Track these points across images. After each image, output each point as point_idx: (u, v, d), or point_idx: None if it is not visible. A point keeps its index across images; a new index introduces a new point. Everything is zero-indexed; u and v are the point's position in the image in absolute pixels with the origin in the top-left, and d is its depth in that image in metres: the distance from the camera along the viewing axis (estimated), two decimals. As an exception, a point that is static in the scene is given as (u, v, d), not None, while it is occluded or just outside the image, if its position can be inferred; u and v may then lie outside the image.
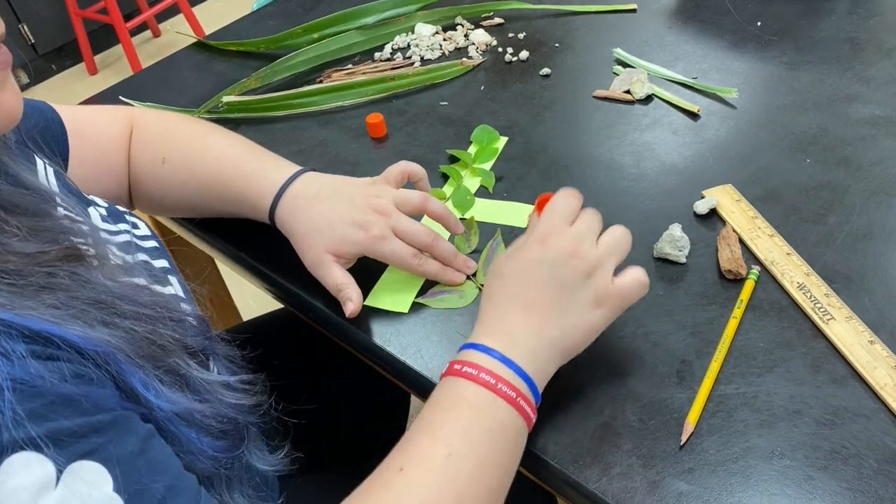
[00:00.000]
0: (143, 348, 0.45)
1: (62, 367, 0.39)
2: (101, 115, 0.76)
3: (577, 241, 0.56)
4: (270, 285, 0.74)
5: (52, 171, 0.59)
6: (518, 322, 0.54)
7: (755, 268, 0.66)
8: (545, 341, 0.54)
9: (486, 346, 0.53)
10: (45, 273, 0.43)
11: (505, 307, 0.55)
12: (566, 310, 0.54)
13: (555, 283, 0.55)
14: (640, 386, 0.59)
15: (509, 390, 0.50)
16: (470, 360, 0.52)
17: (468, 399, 0.50)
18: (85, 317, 0.43)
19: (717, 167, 0.77)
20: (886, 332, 0.59)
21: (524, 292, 0.55)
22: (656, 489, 0.52)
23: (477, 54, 1.00)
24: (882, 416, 0.55)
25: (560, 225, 0.57)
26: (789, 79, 0.88)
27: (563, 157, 0.81)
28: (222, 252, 0.78)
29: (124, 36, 2.81)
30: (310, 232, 0.66)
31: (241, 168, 0.71)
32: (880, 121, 0.80)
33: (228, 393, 0.52)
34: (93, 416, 0.39)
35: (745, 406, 0.56)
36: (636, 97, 0.88)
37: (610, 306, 0.56)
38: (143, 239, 0.61)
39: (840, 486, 0.51)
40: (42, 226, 0.47)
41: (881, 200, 0.71)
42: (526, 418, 0.52)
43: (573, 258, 0.55)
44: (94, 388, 0.40)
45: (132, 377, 0.43)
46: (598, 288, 0.55)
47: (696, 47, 0.95)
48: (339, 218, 0.65)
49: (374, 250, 0.65)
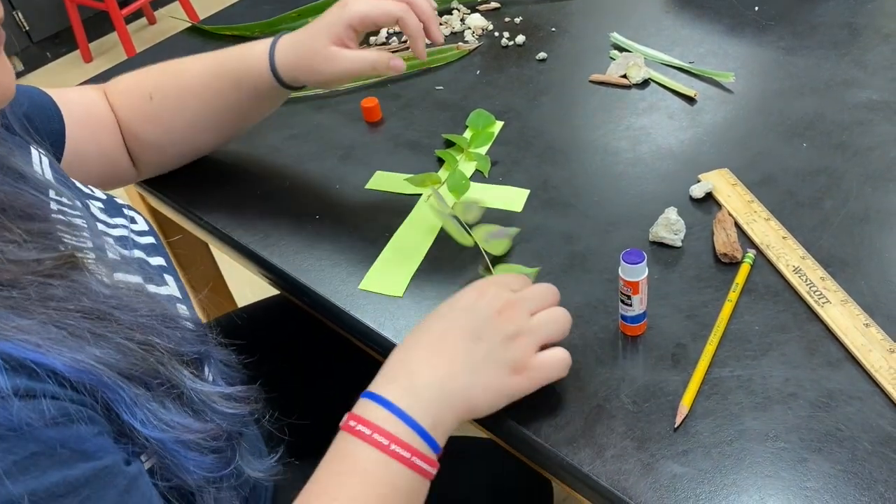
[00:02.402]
0: (137, 363, 0.44)
1: (44, 407, 0.38)
2: (82, 91, 0.77)
3: (511, 304, 0.55)
4: (265, 270, 0.74)
5: (46, 162, 0.59)
6: (423, 365, 0.52)
7: (751, 251, 0.65)
8: (447, 392, 0.52)
9: (383, 397, 0.51)
10: (39, 283, 0.42)
11: (416, 346, 0.54)
12: (478, 366, 0.53)
13: (474, 335, 0.53)
14: (635, 369, 0.58)
15: (403, 451, 0.49)
16: (365, 415, 0.50)
17: (361, 464, 0.49)
18: (77, 332, 0.42)
19: (713, 151, 0.77)
20: (881, 315, 0.59)
21: (442, 335, 0.54)
22: (650, 471, 0.52)
23: (473, 38, 0.99)
24: (876, 398, 0.55)
25: (505, 284, 0.56)
26: (786, 63, 0.87)
27: (559, 142, 0.81)
28: (217, 237, 0.78)
29: (119, 23, 2.79)
30: (307, 53, 0.69)
31: (225, 60, 0.74)
32: (877, 105, 0.80)
33: (224, 402, 0.51)
34: (72, 467, 0.38)
35: (740, 389, 0.56)
36: (633, 81, 0.87)
37: (528, 377, 0.54)
38: (140, 235, 0.60)
39: (834, 468, 0.51)
40: (39, 229, 0.46)
41: (877, 185, 0.71)
42: (422, 473, 0.50)
43: (501, 317, 0.54)
44: (77, 428, 0.39)
45: (119, 405, 0.42)
46: (516, 354, 0.53)
47: (692, 32, 0.95)
48: (320, 22, 0.68)
49: (357, 11, 0.66)
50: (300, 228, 0.75)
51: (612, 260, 0.67)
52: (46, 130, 0.68)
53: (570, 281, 0.66)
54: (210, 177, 0.82)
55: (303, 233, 0.74)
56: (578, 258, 0.68)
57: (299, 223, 0.75)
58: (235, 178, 0.81)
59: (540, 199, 0.74)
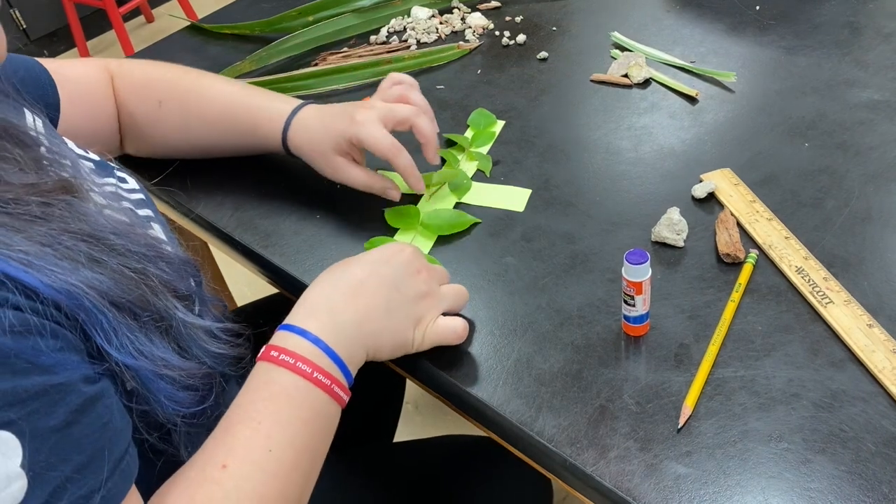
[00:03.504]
0: (130, 289, 0.45)
1: (6, 316, 0.38)
2: (76, 63, 0.78)
3: (426, 268, 0.60)
4: (266, 270, 0.73)
5: (39, 123, 0.60)
6: (344, 305, 0.55)
7: (753, 251, 0.65)
8: (363, 331, 0.55)
9: (304, 329, 0.53)
10: (41, 202, 0.44)
11: (337, 287, 0.56)
12: (392, 313, 0.57)
13: (393, 284, 0.57)
14: (638, 369, 0.58)
15: (325, 378, 0.52)
16: (286, 346, 0.52)
17: (286, 390, 0.51)
18: (73, 255, 0.43)
19: (715, 151, 0.77)
20: (885, 315, 0.59)
21: (363, 280, 0.57)
22: (654, 472, 0.52)
23: (474, 38, 0.99)
24: (880, 399, 0.54)
25: (417, 254, 0.60)
26: (788, 63, 0.87)
27: (560, 141, 0.81)
28: (218, 237, 0.77)
29: (117, 21, 2.78)
30: (313, 140, 0.72)
31: (248, 102, 0.76)
32: (879, 105, 0.80)
33: (211, 340, 0.52)
34: (25, 378, 0.39)
35: (744, 389, 0.56)
36: (634, 81, 0.87)
37: (425, 335, 0.58)
38: (130, 192, 0.61)
39: (838, 469, 0.51)
40: (38, 156, 0.48)
41: (879, 185, 0.71)
42: (339, 402, 0.53)
43: (417, 275, 0.59)
44: (35, 340, 0.40)
45: (95, 328, 0.43)
46: (423, 311, 0.58)
47: (694, 31, 0.95)
48: (333, 121, 0.71)
49: (356, 133, 0.69)
50: (301, 229, 0.74)
51: (615, 260, 0.67)
52: (41, 104, 0.68)
53: (573, 281, 0.66)
54: (210, 176, 0.81)
55: (304, 233, 0.74)
56: (580, 258, 0.68)
57: (300, 223, 0.75)
58: (236, 178, 0.81)
59: (541, 199, 0.74)
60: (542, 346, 0.61)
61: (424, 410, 1.52)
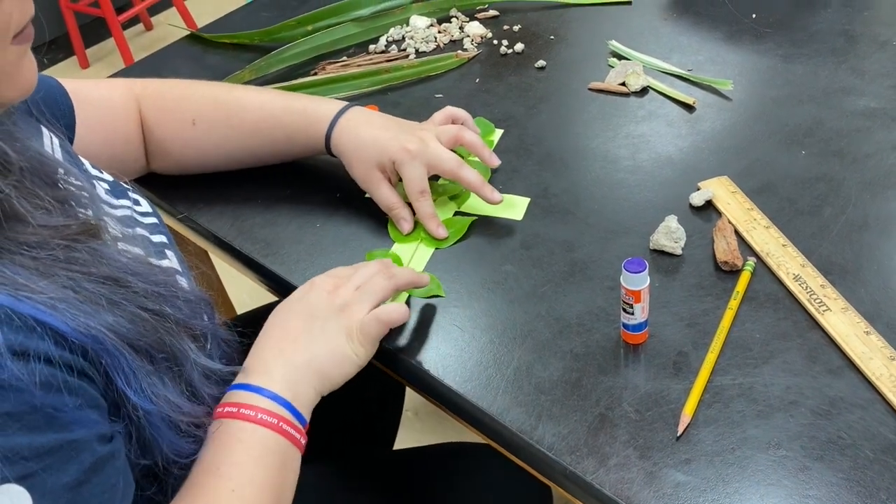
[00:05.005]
0: (147, 332, 0.46)
1: (35, 371, 0.39)
2: (100, 84, 0.78)
3: (337, 285, 0.62)
4: (267, 279, 0.74)
5: (57, 143, 0.60)
6: (272, 354, 0.58)
7: (751, 259, 0.66)
8: (297, 365, 0.57)
9: (244, 383, 0.56)
10: (65, 246, 0.45)
11: (263, 344, 0.59)
12: (317, 336, 0.59)
13: (309, 315, 0.60)
14: (637, 377, 0.59)
15: (269, 418, 0.54)
16: (232, 399, 0.55)
17: (235, 436, 0.53)
18: (94, 298, 0.44)
19: (712, 159, 0.77)
20: (882, 322, 0.60)
21: (283, 325, 0.60)
22: (653, 480, 0.52)
23: (472, 46, 1.00)
24: (878, 406, 0.55)
25: (333, 274, 0.63)
26: (784, 71, 0.88)
27: (558, 150, 0.81)
28: (218, 246, 0.78)
29: (116, 29, 2.79)
30: (360, 147, 0.73)
31: (288, 107, 0.76)
32: (875, 113, 0.80)
33: (216, 387, 0.54)
34: (42, 434, 0.39)
35: (742, 397, 0.56)
36: (631, 89, 0.88)
37: (361, 335, 0.59)
38: (143, 215, 0.62)
39: (836, 476, 0.51)
40: (61, 196, 0.48)
41: (876, 192, 0.71)
42: (291, 440, 0.55)
43: (330, 296, 0.61)
44: (57, 397, 0.40)
45: (118, 372, 0.44)
46: (349, 321, 0.59)
47: (691, 39, 0.95)
48: (386, 137, 0.72)
49: (398, 156, 0.71)
50: (301, 237, 0.75)
51: (613, 268, 0.67)
52: (56, 114, 0.68)
53: (571, 289, 0.66)
54: (211, 185, 0.81)
55: (304, 242, 0.74)
56: (579, 266, 0.68)
57: (300, 232, 0.75)
58: (236, 187, 0.81)
59: (540, 207, 0.75)
60: (542, 354, 0.61)
61: (424, 417, 1.52)
